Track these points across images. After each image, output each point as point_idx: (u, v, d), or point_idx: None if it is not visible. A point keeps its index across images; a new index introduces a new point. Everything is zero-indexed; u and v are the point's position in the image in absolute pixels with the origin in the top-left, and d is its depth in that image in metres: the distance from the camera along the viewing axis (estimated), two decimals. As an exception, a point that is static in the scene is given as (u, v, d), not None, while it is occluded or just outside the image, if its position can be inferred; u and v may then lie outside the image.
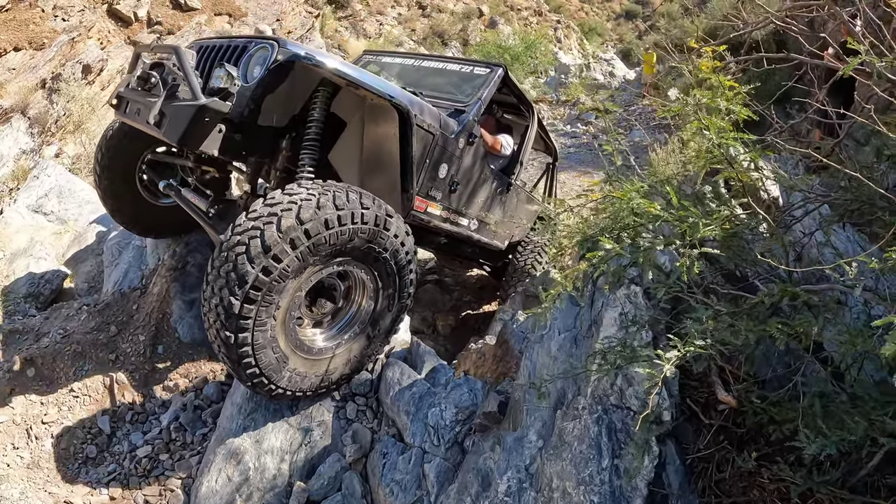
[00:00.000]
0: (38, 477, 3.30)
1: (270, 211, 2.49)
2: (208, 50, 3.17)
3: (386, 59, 5.16)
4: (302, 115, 3.24)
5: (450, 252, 5.35)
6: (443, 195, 3.92)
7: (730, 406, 2.20)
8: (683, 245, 1.63)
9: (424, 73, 4.71)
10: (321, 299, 2.94)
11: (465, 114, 4.00)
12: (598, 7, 32.73)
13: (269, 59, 2.79)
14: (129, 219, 4.49)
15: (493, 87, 4.28)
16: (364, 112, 3.46)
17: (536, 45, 17.99)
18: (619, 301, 2.32)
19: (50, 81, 10.01)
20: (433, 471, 2.68)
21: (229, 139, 2.94)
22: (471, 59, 5.33)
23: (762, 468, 2.10)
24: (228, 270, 2.43)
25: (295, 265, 2.50)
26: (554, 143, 6.12)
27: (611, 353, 1.85)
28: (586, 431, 2.07)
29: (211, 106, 2.71)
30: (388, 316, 3.15)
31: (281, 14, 13.88)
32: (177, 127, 2.73)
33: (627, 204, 1.78)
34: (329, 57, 3.07)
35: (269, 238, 2.41)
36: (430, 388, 3.10)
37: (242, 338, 2.51)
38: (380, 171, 3.56)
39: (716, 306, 1.70)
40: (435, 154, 3.66)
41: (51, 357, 4.01)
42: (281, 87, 3.03)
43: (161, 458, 3.44)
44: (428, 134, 3.53)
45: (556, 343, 2.58)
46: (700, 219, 1.63)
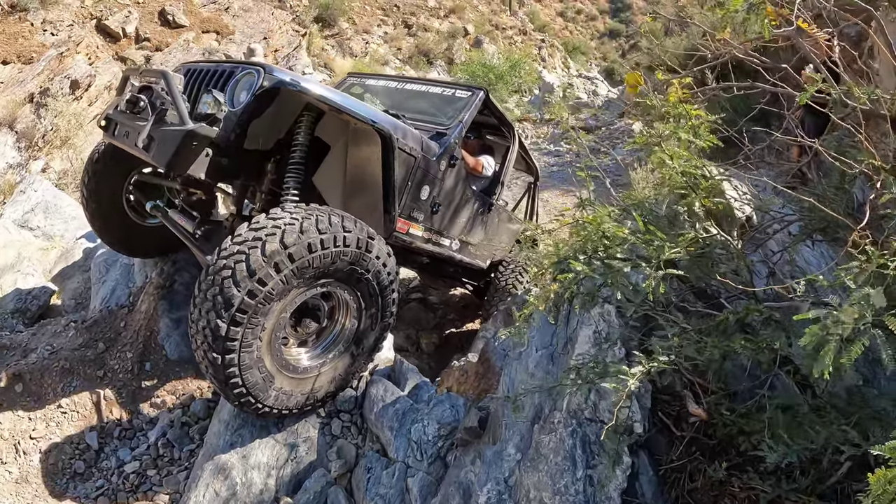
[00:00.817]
0: (27, 492, 3.33)
1: (255, 235, 2.56)
2: (196, 73, 3.23)
3: (370, 81, 5.25)
4: (287, 139, 3.32)
5: (432, 272, 5.43)
6: (425, 216, 3.99)
7: (700, 418, 2.29)
8: (649, 266, 1.73)
9: (407, 96, 4.79)
10: (306, 319, 3.00)
11: (446, 136, 4.08)
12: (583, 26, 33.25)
13: (255, 84, 2.86)
14: (117, 239, 4.52)
15: (474, 109, 4.37)
16: (347, 136, 3.55)
17: (521, 64, 18.22)
18: (593, 319, 2.42)
19: (38, 96, 10.04)
20: (416, 485, 2.75)
21: (216, 163, 3.00)
22: (452, 83, 5.41)
23: (733, 477, 2.18)
24: (215, 294, 2.50)
25: (279, 288, 2.56)
26: (535, 164, 6.22)
27: (584, 369, 1.95)
28: (561, 444, 2.16)
29: (198, 131, 2.77)
30: (372, 334, 3.22)
31: (268, 32, 14.01)
32: (165, 151, 2.80)
33: (597, 228, 1.89)
34: (313, 83, 3.14)
35: (253, 262, 2.48)
36: (413, 405, 3.18)
37: (229, 359, 2.57)
38: (363, 193, 3.63)
39: (682, 324, 1.80)
40: (417, 176, 3.73)
41: (38, 373, 4.04)
42: (267, 112, 3.09)
43: (149, 474, 3.48)
44: (410, 157, 3.60)
45: (534, 360, 2.67)
46: (665, 242, 1.74)
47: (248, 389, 2.73)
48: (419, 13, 21.98)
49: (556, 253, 2.01)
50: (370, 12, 20.78)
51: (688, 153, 1.88)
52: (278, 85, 2.88)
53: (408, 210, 3.78)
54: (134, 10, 12.44)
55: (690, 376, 2.27)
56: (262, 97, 2.89)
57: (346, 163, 3.63)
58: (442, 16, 22.80)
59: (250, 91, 2.87)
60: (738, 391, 2.43)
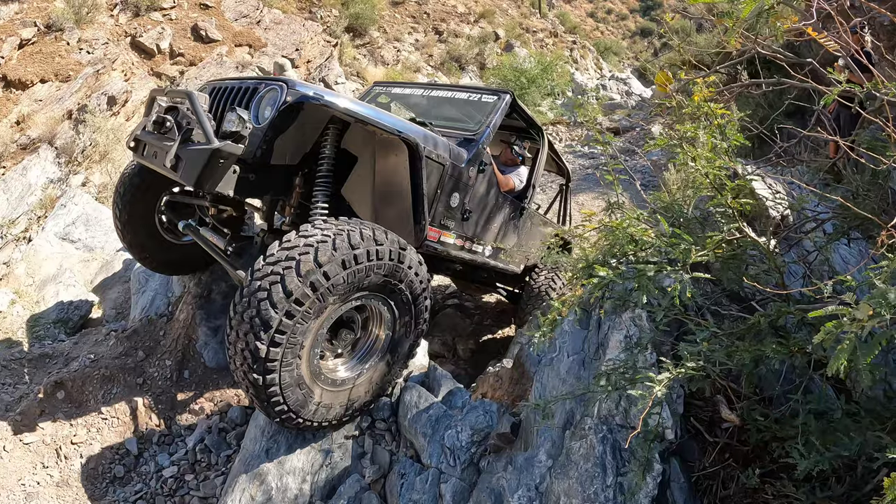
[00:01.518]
0: (67, 495, 3.43)
1: (288, 255, 2.57)
2: (221, 91, 3.28)
3: (396, 90, 5.27)
4: (314, 153, 3.35)
5: (466, 278, 5.41)
6: (456, 224, 3.99)
7: (734, 424, 2.26)
8: (675, 270, 1.72)
9: (434, 103, 4.80)
10: (342, 331, 3.03)
11: (474, 142, 4.07)
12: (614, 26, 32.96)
13: (278, 100, 2.89)
14: (154, 261, 4.61)
15: (501, 113, 4.36)
16: (374, 146, 3.56)
17: (553, 66, 18.12)
18: (624, 324, 2.40)
19: (76, 112, 10.37)
20: (449, 491, 2.76)
21: (244, 179, 3.04)
22: (478, 87, 5.40)
23: (766, 485, 2.15)
24: (252, 315, 2.52)
25: (316, 306, 2.59)
26: (566, 165, 6.19)
27: (614, 375, 1.94)
28: (592, 450, 2.15)
29: (224, 149, 2.81)
30: (406, 342, 3.24)
31: (300, 44, 14.23)
32: (192, 170, 2.84)
33: (624, 231, 1.88)
34: (337, 95, 3.15)
35: (290, 283, 2.49)
36: (447, 411, 3.19)
37: (270, 379, 2.60)
38: (392, 203, 3.64)
39: (712, 328, 1.78)
40: (446, 184, 3.74)
41: (80, 381, 4.17)
42: (292, 127, 3.11)
43: (186, 479, 3.56)
44: (438, 165, 3.61)
45: (566, 366, 2.67)
46: (691, 244, 1.72)
47: (290, 406, 2.78)
48: (449, 19, 22.08)
49: (585, 257, 2.01)
50: (400, 20, 20.95)
51: (712, 154, 1.86)
52: (302, 100, 2.91)
53: (439, 218, 3.80)
54: (167, 27, 12.76)
55: (723, 381, 2.24)
56: (286, 112, 2.93)
57: (375, 173, 3.64)
58: (472, 21, 22.86)
59: (274, 107, 2.91)
60: (772, 396, 2.39)
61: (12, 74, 11.11)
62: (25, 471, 3.55)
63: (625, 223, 1.88)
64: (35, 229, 8.20)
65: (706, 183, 1.85)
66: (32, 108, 10.90)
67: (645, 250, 1.87)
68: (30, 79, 11.16)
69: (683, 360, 1.64)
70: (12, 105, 11.27)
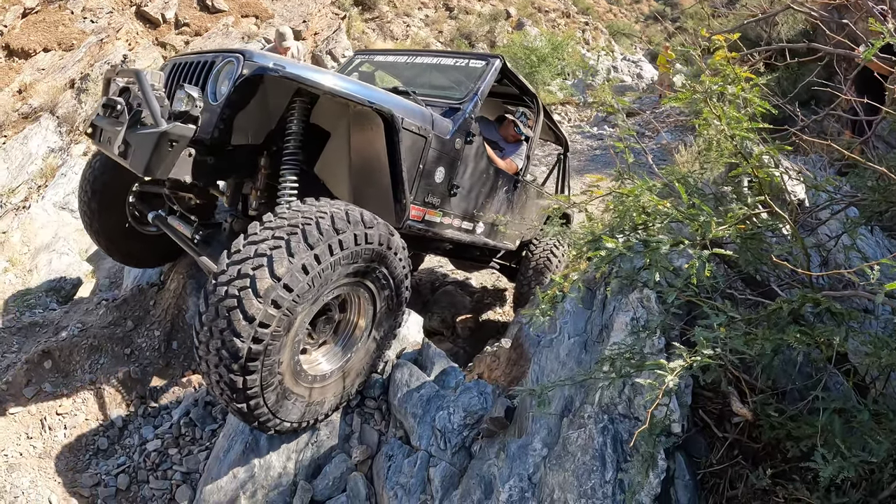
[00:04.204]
0: (49, 467, 3.33)
1: (241, 270, 2.28)
2: (180, 68, 3.04)
3: (379, 58, 4.94)
4: (280, 129, 3.07)
5: (459, 256, 5.21)
6: (442, 201, 3.72)
7: (745, 419, 2.09)
8: (693, 245, 1.54)
9: (419, 70, 4.49)
10: (319, 320, 2.80)
11: (460, 112, 3.76)
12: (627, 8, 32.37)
13: (234, 74, 2.63)
14: (121, 252, 4.39)
15: (490, 79, 4.04)
16: (348, 120, 3.29)
17: (563, 46, 17.78)
18: (631, 305, 2.23)
19: (78, 82, 10.21)
20: (438, 475, 2.62)
21: (202, 163, 2.81)
22: (466, 52, 5.06)
23: (777, 486, 1.99)
24: (218, 347, 2.28)
25: (285, 321, 2.35)
26: (564, 134, 5.90)
27: (619, 360, 1.77)
28: (591, 441, 1.99)
29: (173, 131, 2.56)
30: (389, 316, 3.04)
31: (307, 15, 13.97)
32: (141, 156, 2.58)
33: (636, 201, 1.69)
34: (300, 66, 2.89)
35: (249, 308, 2.22)
36: (439, 391, 3.05)
37: (255, 404, 2.44)
38: (371, 181, 3.37)
39: (730, 312, 1.61)
40: (429, 158, 3.44)
41: (67, 350, 4.06)
42: (252, 103, 2.87)
43: (170, 453, 3.44)
44: (419, 137, 3.33)
45: (566, 348, 2.49)
46: (712, 217, 1.54)
47: (281, 419, 2.64)
48: (460, -5, 21.66)
49: (591, 230, 1.83)
50: (411, -6, 20.55)
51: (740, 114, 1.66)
52: (259, 72, 2.62)
53: (422, 195, 3.52)
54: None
55: (736, 372, 2.07)
56: (243, 87, 2.66)
57: (350, 150, 3.36)
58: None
59: (231, 81, 2.64)
60: (784, 390, 2.23)
61: (15, 43, 10.95)
62: (9, 441, 3.46)
63: (636, 190, 1.69)
64: (35, 198, 8.10)
65: (730, 148, 1.66)
66: (35, 77, 10.75)
67: (657, 224, 1.69)
68: (33, 48, 11.01)
69: (698, 347, 1.47)
70: (15, 74, 11.12)
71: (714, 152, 1.76)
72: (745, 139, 1.66)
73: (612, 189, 1.86)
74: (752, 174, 1.72)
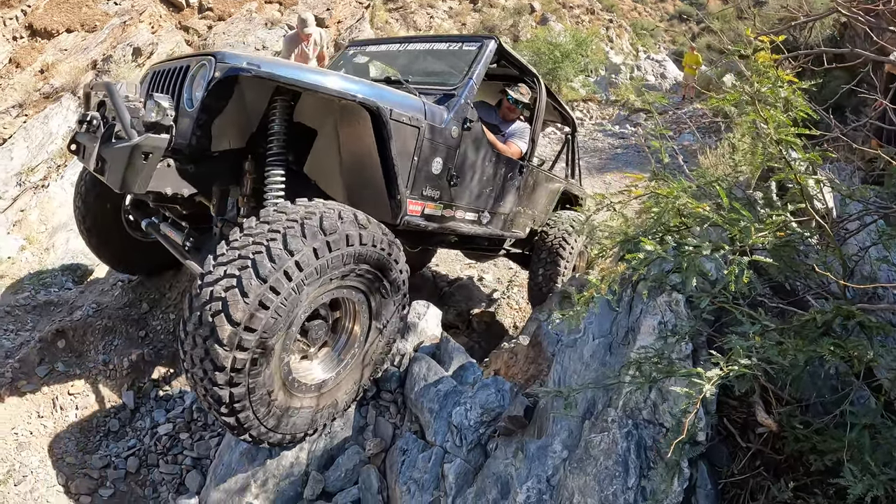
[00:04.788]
0: (58, 446, 3.33)
1: (227, 271, 2.22)
2: (159, 76, 2.96)
3: (371, 48, 4.73)
4: (263, 131, 2.98)
5: (466, 248, 5.07)
6: (442, 193, 3.56)
7: (770, 430, 2.05)
8: (732, 251, 1.49)
9: (413, 58, 4.30)
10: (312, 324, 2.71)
11: (455, 98, 3.58)
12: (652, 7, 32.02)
13: (207, 77, 2.54)
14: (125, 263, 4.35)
15: (485, 62, 3.84)
16: (335, 116, 3.17)
17: (587, 43, 17.60)
18: (659, 308, 2.17)
19: (100, 63, 10.24)
20: (453, 472, 2.59)
21: (182, 172, 2.76)
22: (459, 36, 4.67)
23: (799, 500, 1.94)
24: (202, 357, 2.21)
25: (268, 342, 2.27)
26: (570, 113, 5.72)
27: (646, 365, 1.72)
28: (614, 446, 1.94)
29: (144, 143, 2.45)
30: (390, 307, 2.92)
31: (331, 3, 13.91)
32: (116, 171, 2.50)
33: (673, 204, 1.64)
34: (276, 63, 2.81)
35: (223, 334, 2.14)
36: (457, 387, 3.01)
37: (244, 417, 2.37)
38: (365, 178, 3.24)
39: (765, 321, 1.56)
40: (423, 149, 3.29)
41: (81, 330, 4.07)
42: (230, 106, 2.78)
43: (181, 437, 3.45)
44: (411, 128, 3.17)
45: (590, 349, 2.44)
46: (752, 223, 1.49)
47: (279, 431, 2.60)
48: (485, -13, 21.46)
49: (625, 231, 1.78)
50: (436, -15, 20.37)
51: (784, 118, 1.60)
52: (231, 73, 2.52)
53: (420, 188, 3.37)
54: (198, -21, 12.54)
55: (764, 382, 2.02)
56: (217, 90, 2.56)
57: (340, 147, 3.24)
58: (509, -9, 22.18)
59: (204, 85, 2.55)
60: (810, 403, 2.18)
61: (38, 23, 11.00)
62: (20, 419, 3.47)
63: (673, 192, 1.64)
64: (54, 177, 8.13)
65: (774, 152, 1.61)
66: (57, 57, 10.80)
67: (694, 226, 1.64)
68: (56, 28, 11.05)
69: (732, 355, 1.42)
70: (37, 54, 11.17)
71: (759, 156, 1.71)
72: (790, 145, 1.60)
73: (649, 188, 1.81)
74: (793, 180, 1.67)
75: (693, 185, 1.74)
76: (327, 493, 2.84)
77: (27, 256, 5.93)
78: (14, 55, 11.03)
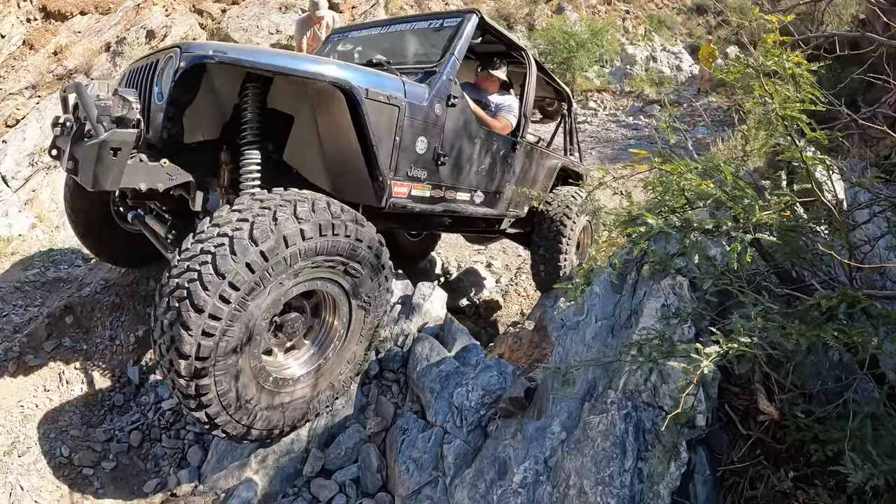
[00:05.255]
0: (63, 420, 3.37)
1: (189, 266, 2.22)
2: (134, 74, 2.93)
3: (353, 33, 4.64)
4: (238, 121, 2.92)
5: (462, 230, 4.96)
6: (429, 172, 3.46)
7: (771, 418, 2.03)
8: (736, 228, 1.47)
9: (395, 39, 4.21)
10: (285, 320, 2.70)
11: (437, 74, 3.47)
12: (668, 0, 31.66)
13: (173, 69, 2.50)
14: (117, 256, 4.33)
15: (467, 37, 3.72)
16: (311, 101, 3.09)
17: (603, 33, 17.43)
18: (662, 291, 2.15)
19: (114, 45, 10.26)
20: (452, 453, 2.60)
21: (156, 166, 2.70)
22: (440, 13, 4.36)
23: (798, 490, 1.92)
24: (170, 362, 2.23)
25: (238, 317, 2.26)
26: (564, 87, 5.54)
27: (647, 346, 1.70)
28: (612, 428, 1.93)
29: (112, 139, 2.41)
30: (368, 283, 2.85)
31: (347, -14, 13.85)
32: (87, 170, 2.46)
33: (678, 181, 1.62)
34: (243, 49, 2.78)
35: (197, 300, 2.15)
36: (459, 368, 3.01)
37: (214, 412, 2.36)
38: (347, 161, 3.17)
39: (767, 303, 1.54)
40: (405, 128, 3.20)
41: (89, 306, 4.10)
42: (200, 96, 2.75)
43: (184, 413, 3.47)
44: (389, 107, 3.09)
45: (592, 331, 2.43)
46: (756, 201, 1.46)
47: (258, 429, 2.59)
48: (500, -25, 21.27)
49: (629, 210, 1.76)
50: (450, -29, 20.21)
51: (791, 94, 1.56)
52: (196, 62, 2.47)
53: (405, 169, 3.28)
54: (212, -38, 12.52)
55: (766, 368, 2.00)
56: (184, 80, 2.53)
57: (319, 132, 3.17)
58: (524, -21, 21.97)
59: (171, 77, 2.51)
60: (813, 392, 2.15)
61: (52, 6, 11.04)
62: (26, 392, 3.50)
63: (678, 169, 1.61)
64: (67, 157, 8.19)
65: (780, 129, 1.58)
66: (71, 39, 10.85)
67: (698, 205, 1.62)
68: (70, 10, 11.09)
69: (734, 334, 1.40)
70: (51, 36, 11.22)
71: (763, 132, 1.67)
72: (795, 120, 1.57)
73: (654, 164, 1.78)
74: (799, 159, 1.63)
75: (699, 166, 1.71)
76: (327, 470, 2.86)
77: (38, 234, 5.98)
78: (28, 37, 11.09)
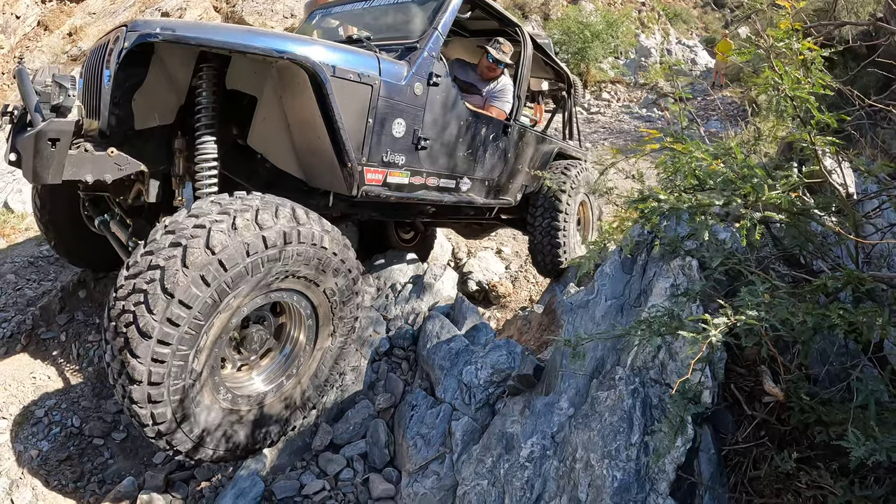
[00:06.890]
0: (75, 391, 3.44)
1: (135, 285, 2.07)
2: (92, 57, 2.77)
3: (336, 9, 4.28)
4: (193, 104, 2.72)
5: (448, 220, 4.76)
6: (408, 158, 3.20)
7: (776, 399, 2.06)
8: (744, 205, 1.49)
9: (378, 14, 3.92)
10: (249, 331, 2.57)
11: (417, 51, 3.19)
12: (686, -8, 31.42)
13: (118, 49, 2.32)
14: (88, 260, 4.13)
15: (452, 11, 3.44)
16: (273, 80, 2.88)
17: (618, 24, 17.34)
18: (672, 272, 2.18)
19: (129, 25, 10.31)
20: (460, 429, 2.64)
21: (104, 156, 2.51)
22: None
23: (801, 471, 1.96)
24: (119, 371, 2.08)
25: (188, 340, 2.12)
26: (564, 68, 5.25)
27: (656, 322, 1.74)
28: (620, 402, 1.97)
29: (48, 128, 2.25)
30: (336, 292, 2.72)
31: (358, -27, 13.82)
32: (27, 162, 2.29)
33: (688, 162, 1.64)
34: (192, 25, 2.61)
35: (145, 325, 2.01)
36: (469, 346, 3.05)
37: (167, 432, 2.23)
38: (315, 145, 2.94)
39: (775, 281, 1.57)
40: (379, 109, 2.94)
41: (102, 281, 4.17)
42: (150, 78, 2.55)
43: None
44: (360, 86, 2.84)
45: (602, 309, 2.47)
46: (766, 180, 1.49)
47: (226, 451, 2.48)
48: (517, -36, 21.13)
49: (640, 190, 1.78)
50: (466, -42, 20.00)
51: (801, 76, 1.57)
52: (141, 41, 2.27)
53: (380, 154, 3.03)
54: (227, -54, 12.54)
55: (772, 349, 2.03)
56: (129, 62, 2.36)
57: (285, 112, 2.95)
58: (541, -32, 21.81)
59: (115, 59, 2.34)
60: (818, 376, 2.19)
61: (69, -14, 11.10)
62: (38, 364, 3.58)
63: (689, 148, 1.64)
64: (80, 138, 8.26)
65: (790, 111, 1.60)
66: (86, 20, 10.92)
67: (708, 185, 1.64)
68: (85, -9, 11.15)
69: (742, 308, 1.43)
70: (66, 17, 11.30)
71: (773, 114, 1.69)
72: (804, 102, 1.58)
73: (666, 143, 1.79)
74: (807, 140, 1.65)
75: (710, 148, 1.74)
76: (335, 444, 2.91)
77: (53, 211, 6.06)
78: (43, 18, 11.17)
